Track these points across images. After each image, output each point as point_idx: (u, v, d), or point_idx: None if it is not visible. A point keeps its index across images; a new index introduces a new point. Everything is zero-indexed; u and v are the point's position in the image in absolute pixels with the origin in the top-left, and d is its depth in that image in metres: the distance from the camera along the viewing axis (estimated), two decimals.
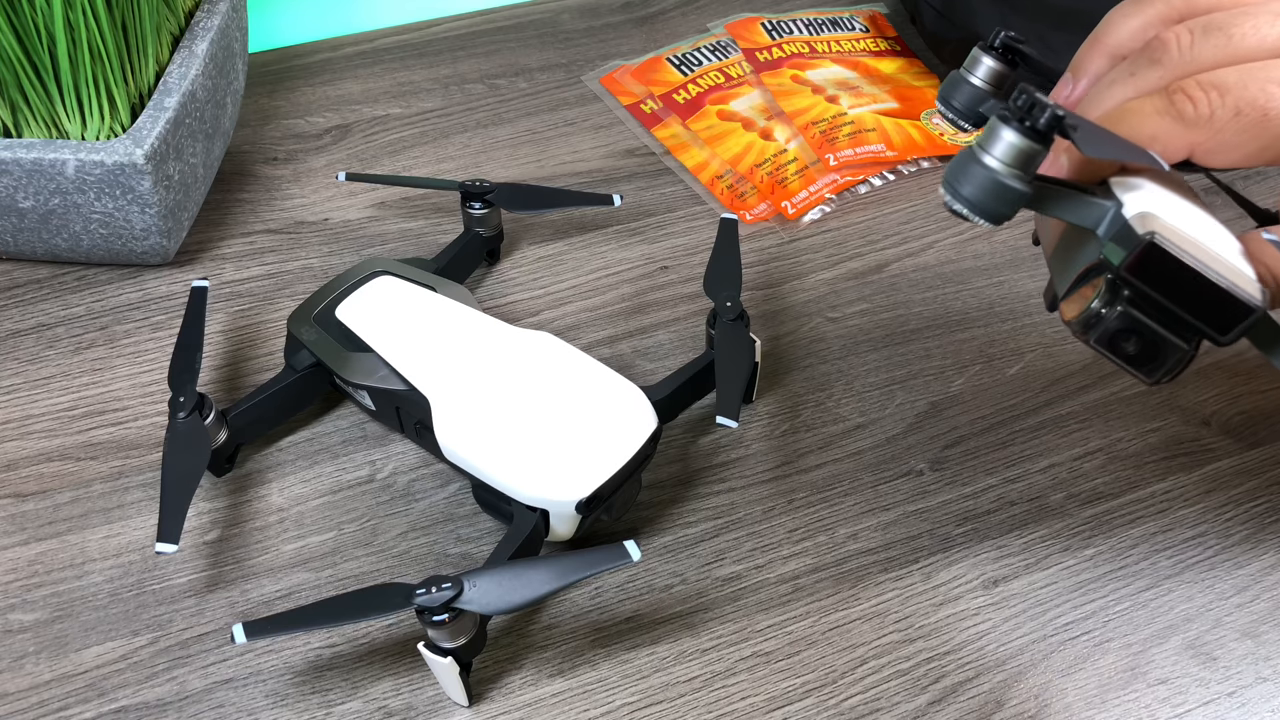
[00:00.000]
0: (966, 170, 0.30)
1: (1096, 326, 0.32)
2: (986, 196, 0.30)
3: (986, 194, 0.30)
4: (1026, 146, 0.29)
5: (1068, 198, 0.31)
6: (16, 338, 0.50)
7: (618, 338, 0.51)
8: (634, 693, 0.39)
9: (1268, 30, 0.32)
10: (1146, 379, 0.32)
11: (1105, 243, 0.31)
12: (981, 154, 0.30)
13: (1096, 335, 0.32)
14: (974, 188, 0.30)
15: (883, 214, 0.57)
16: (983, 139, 0.30)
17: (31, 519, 0.43)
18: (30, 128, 0.49)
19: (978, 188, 0.30)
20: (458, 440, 0.41)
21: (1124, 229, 0.30)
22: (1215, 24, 0.33)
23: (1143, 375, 0.32)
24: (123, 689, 0.38)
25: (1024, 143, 0.29)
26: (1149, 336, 0.31)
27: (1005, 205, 0.30)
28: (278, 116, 0.63)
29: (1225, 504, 0.45)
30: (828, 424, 0.47)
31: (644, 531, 0.43)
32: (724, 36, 0.68)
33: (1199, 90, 0.31)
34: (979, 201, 0.30)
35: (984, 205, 0.30)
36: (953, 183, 0.30)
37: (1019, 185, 0.30)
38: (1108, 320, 0.31)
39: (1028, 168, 0.30)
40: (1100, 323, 0.31)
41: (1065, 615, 0.41)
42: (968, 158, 0.30)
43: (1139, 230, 0.30)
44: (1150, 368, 0.32)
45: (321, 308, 0.46)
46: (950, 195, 0.30)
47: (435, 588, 0.35)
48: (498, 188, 0.52)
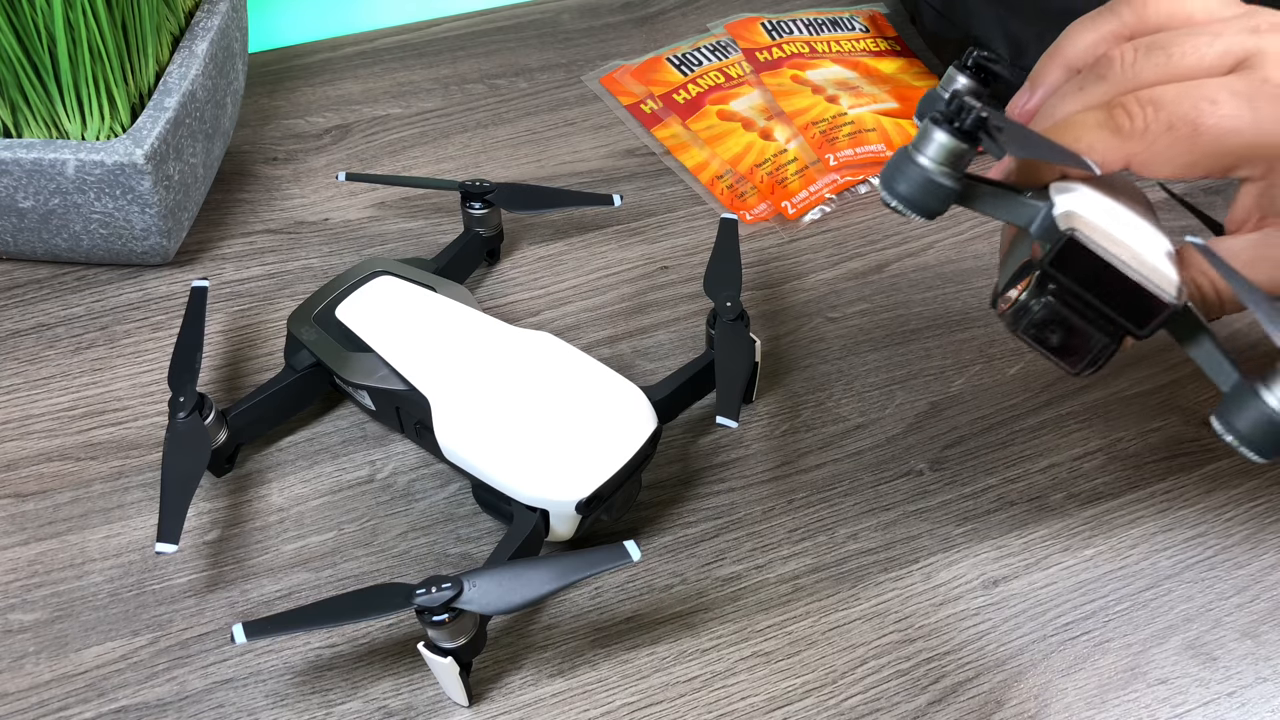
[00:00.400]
0: (901, 169, 0.32)
1: (1024, 318, 0.34)
2: (919, 193, 0.32)
3: (919, 190, 0.32)
4: (955, 146, 0.32)
5: (1001, 197, 0.34)
6: (16, 338, 0.50)
7: (618, 338, 0.51)
8: (634, 693, 0.39)
9: (1206, 50, 0.34)
10: (1070, 370, 0.34)
11: (1036, 239, 0.33)
12: (915, 154, 0.32)
13: (1023, 327, 0.34)
14: (908, 185, 0.32)
15: (883, 214, 0.57)
16: (916, 140, 0.32)
17: (31, 519, 0.43)
18: (30, 128, 0.49)
19: (911, 185, 0.32)
20: (458, 440, 0.41)
21: (1050, 226, 0.33)
22: (1158, 43, 0.35)
23: (1066, 366, 0.34)
24: (123, 689, 0.39)
25: (953, 143, 0.31)
26: (1072, 329, 0.33)
27: (936, 201, 0.32)
28: (278, 116, 0.63)
29: (1225, 504, 0.45)
30: (828, 424, 0.47)
31: (644, 531, 0.43)
32: (724, 36, 0.68)
33: (1136, 105, 0.34)
34: (912, 197, 0.32)
35: (916, 201, 0.32)
36: (889, 180, 0.33)
37: (948, 182, 0.32)
38: (1033, 312, 0.34)
39: (957, 166, 0.32)
40: (1027, 315, 0.34)
41: (1065, 615, 0.41)
42: (902, 157, 0.32)
43: (1061, 226, 0.32)
44: (1074, 359, 0.34)
45: (321, 308, 0.46)
46: (886, 193, 0.33)
47: (435, 588, 0.35)
48: (498, 188, 0.52)
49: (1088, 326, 0.33)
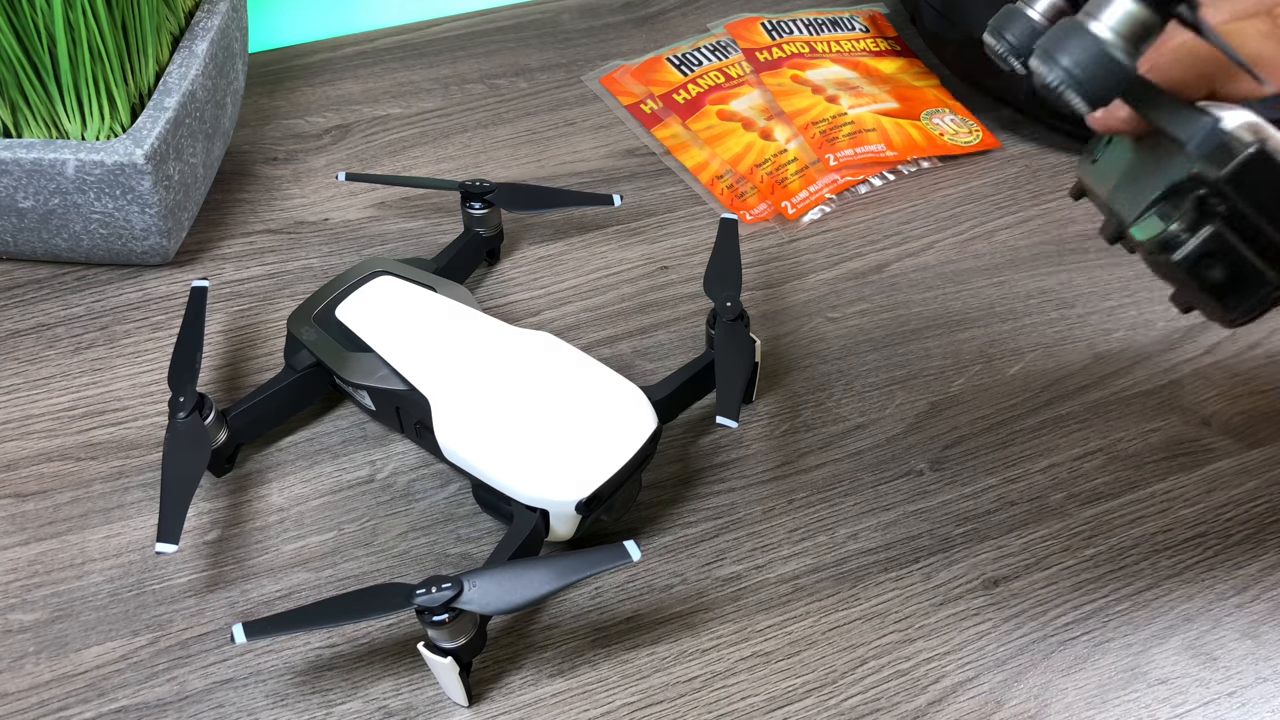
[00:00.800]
0: (1070, 38, 0.27)
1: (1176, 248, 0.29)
2: (1091, 69, 0.27)
3: (1092, 65, 0.27)
4: (1145, 15, 0.27)
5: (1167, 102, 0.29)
6: (16, 338, 0.50)
7: (618, 338, 0.51)
8: (634, 693, 0.39)
9: None
10: (1225, 313, 0.30)
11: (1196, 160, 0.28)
12: (1090, 21, 0.27)
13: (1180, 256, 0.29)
14: (1077, 58, 0.27)
15: (883, 214, 0.57)
16: (1093, 4, 0.27)
17: (31, 519, 0.43)
18: (30, 128, 0.49)
19: (1083, 57, 0.27)
20: (458, 440, 0.41)
21: (1224, 142, 0.28)
22: None
23: (1222, 309, 0.30)
24: (123, 689, 0.38)
25: (1143, 10, 0.27)
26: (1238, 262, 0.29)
27: (1109, 82, 0.27)
28: (278, 116, 0.63)
29: (1225, 504, 0.45)
30: (828, 424, 0.47)
31: (644, 531, 0.43)
32: (724, 36, 0.68)
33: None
34: (1081, 74, 0.27)
35: (1086, 79, 0.27)
36: (1050, 51, 0.27)
37: (1127, 60, 0.27)
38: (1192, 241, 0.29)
39: (1140, 43, 0.27)
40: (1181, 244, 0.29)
41: (1065, 615, 0.41)
42: (1072, 26, 0.27)
43: (1246, 137, 0.28)
44: (1233, 301, 0.29)
45: (321, 308, 0.46)
46: (1046, 66, 0.28)
47: (435, 588, 0.35)
48: (498, 188, 0.52)
49: (1259, 261, 0.29)
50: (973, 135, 0.62)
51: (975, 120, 0.63)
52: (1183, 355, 0.50)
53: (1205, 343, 0.51)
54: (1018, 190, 0.59)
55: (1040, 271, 0.54)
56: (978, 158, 0.61)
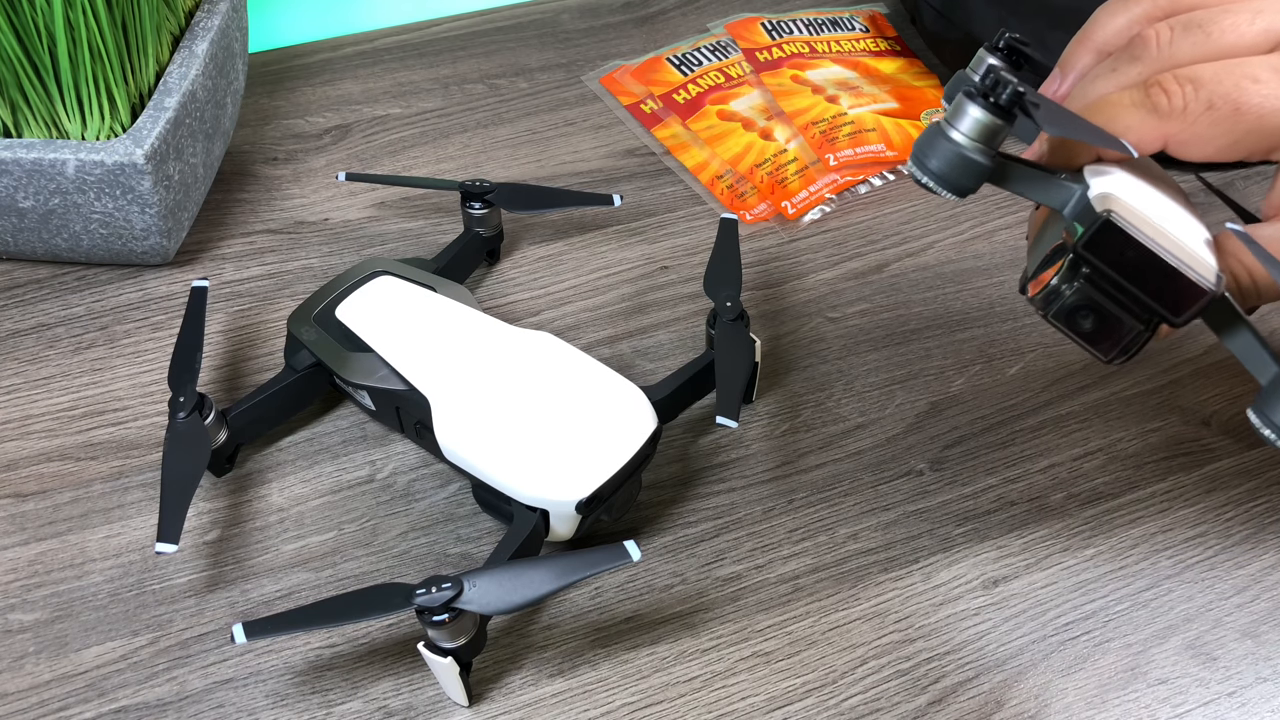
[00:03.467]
0: (933, 145, 0.31)
1: (1055, 302, 0.33)
2: (952, 169, 0.31)
3: (952, 167, 0.31)
4: (990, 122, 0.30)
5: (1035, 178, 0.33)
6: (16, 338, 0.50)
7: (618, 338, 0.51)
8: (634, 693, 0.39)
9: (1245, 28, 0.33)
10: (1102, 357, 0.33)
11: (1069, 223, 0.32)
12: (948, 129, 0.31)
13: (1054, 311, 0.33)
14: (940, 161, 0.31)
15: (883, 214, 0.57)
16: (950, 115, 0.31)
17: (31, 519, 0.43)
18: (30, 128, 0.49)
19: (944, 161, 0.31)
20: (458, 440, 0.41)
21: (1086, 208, 0.32)
22: (1195, 21, 0.34)
23: (1099, 353, 0.33)
24: (123, 689, 0.39)
25: (988, 118, 0.30)
26: (1105, 314, 0.33)
27: (969, 178, 0.31)
28: (278, 116, 0.63)
29: (1225, 504, 0.45)
30: (828, 424, 0.47)
31: (644, 531, 0.43)
32: (724, 36, 0.68)
33: (1174, 84, 0.32)
34: (944, 174, 0.31)
35: (949, 178, 0.31)
36: (920, 157, 0.32)
37: (982, 159, 0.31)
38: (1065, 297, 0.33)
39: (991, 142, 0.31)
40: (1059, 299, 0.33)
41: (1065, 615, 0.41)
42: (935, 133, 0.31)
43: (1097, 209, 0.31)
44: (1106, 345, 0.33)
45: (321, 308, 0.46)
46: (918, 169, 0.32)
47: (435, 588, 0.35)
48: (498, 188, 0.52)
49: (1121, 313, 0.32)
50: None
51: None
52: (1183, 355, 0.50)
53: (1205, 343, 0.51)
54: None
55: None
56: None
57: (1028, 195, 0.33)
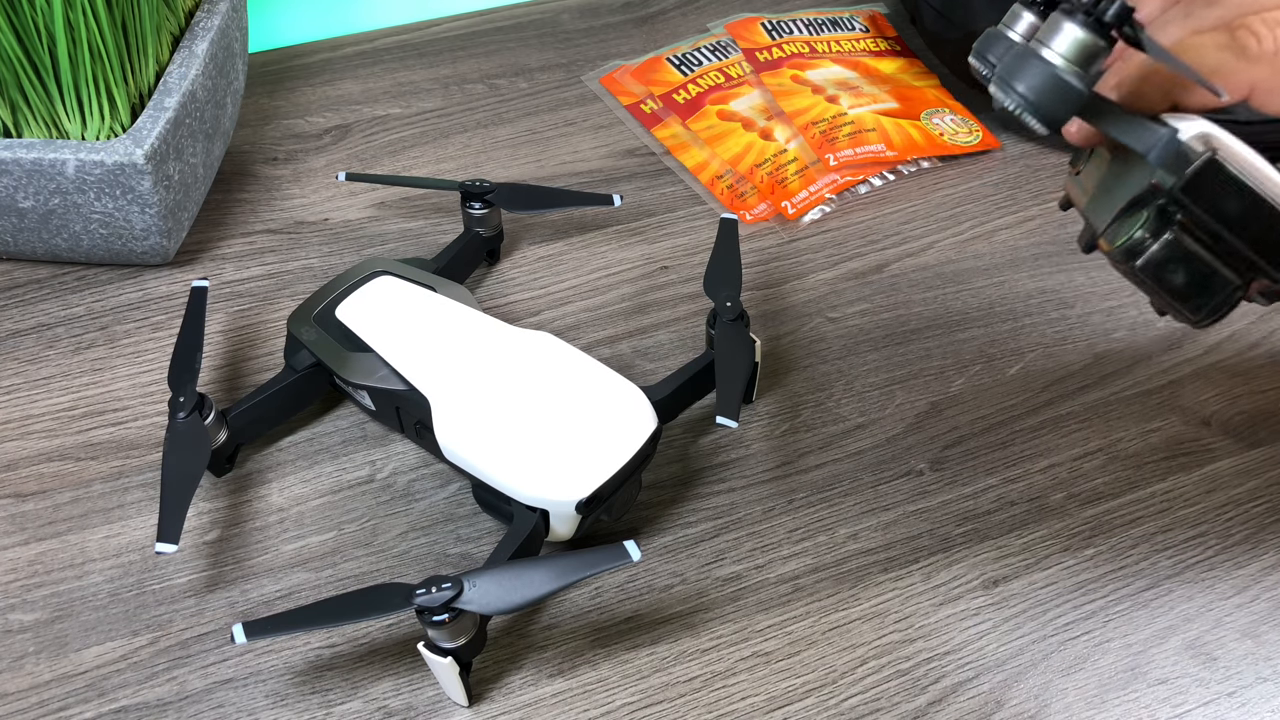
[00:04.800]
0: (1024, 65, 0.29)
1: (1140, 254, 0.30)
2: (1045, 93, 0.28)
3: (1045, 90, 0.28)
4: (1090, 41, 0.28)
5: (1124, 117, 0.30)
6: (16, 338, 0.50)
7: (618, 338, 0.51)
8: (634, 693, 0.39)
9: None
10: (1191, 315, 0.31)
11: (1157, 169, 0.30)
12: (1041, 48, 0.29)
13: (1141, 263, 0.30)
14: (1032, 83, 0.28)
15: (883, 214, 0.57)
16: (1043, 33, 0.29)
17: (31, 519, 0.43)
18: (30, 128, 0.49)
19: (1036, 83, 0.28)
20: (458, 440, 0.41)
21: (1180, 152, 0.29)
22: None
23: (1188, 311, 0.31)
24: (123, 689, 0.38)
25: (1088, 36, 0.28)
26: (1198, 267, 0.30)
27: (1063, 105, 0.29)
28: (278, 116, 0.63)
29: (1225, 504, 0.45)
30: (828, 424, 0.47)
31: (644, 531, 0.43)
32: (724, 36, 0.68)
33: (1263, 26, 0.31)
34: (1036, 99, 0.29)
35: (1041, 103, 0.29)
36: (1007, 78, 0.29)
37: (1078, 84, 0.28)
38: (1154, 248, 0.30)
39: (1089, 65, 0.29)
40: (1144, 251, 0.30)
41: (1065, 615, 0.41)
42: (1025, 53, 0.29)
43: (1198, 148, 0.29)
44: (1197, 303, 0.31)
45: (321, 308, 0.46)
46: (1004, 93, 0.29)
47: (435, 588, 0.35)
48: (498, 188, 0.52)
49: (1218, 264, 0.30)
50: (973, 135, 0.62)
51: (975, 120, 0.63)
52: (1183, 355, 0.50)
53: (1205, 343, 0.51)
54: (1018, 190, 0.59)
55: (1040, 271, 0.54)
56: (978, 158, 0.61)
57: (1113, 134, 0.30)
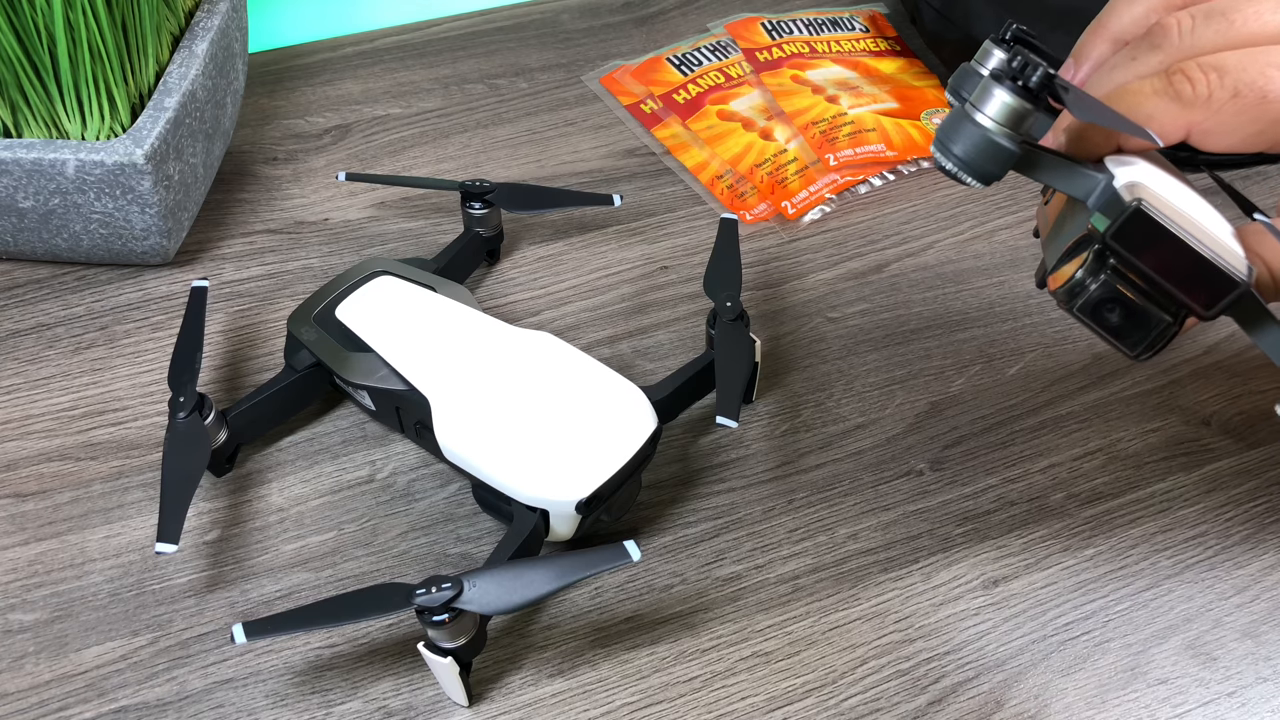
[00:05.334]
0: (959, 129, 0.30)
1: (1080, 295, 0.32)
2: (977, 155, 0.30)
3: (978, 152, 0.30)
4: (1018, 105, 0.30)
5: (1061, 166, 0.32)
6: (16, 338, 0.50)
7: (618, 338, 0.51)
8: (634, 693, 0.39)
9: (1269, 16, 0.32)
10: (1129, 352, 0.33)
11: (1094, 213, 0.31)
12: (974, 112, 0.30)
13: (1080, 304, 0.32)
14: (965, 146, 0.30)
15: (883, 214, 0.57)
16: (976, 98, 0.30)
17: (31, 519, 0.43)
18: (30, 128, 0.49)
19: (969, 146, 0.30)
20: (458, 440, 0.41)
21: (1113, 198, 0.31)
22: (1217, 9, 0.33)
23: (1125, 348, 0.33)
24: (123, 689, 0.38)
25: (1016, 101, 0.29)
26: (1132, 307, 0.32)
27: (995, 165, 0.30)
28: (278, 116, 0.63)
29: (1225, 504, 0.45)
30: (828, 424, 0.47)
31: (644, 531, 0.43)
32: (724, 36, 0.68)
33: (1198, 71, 0.32)
34: (970, 160, 0.30)
35: (975, 164, 0.30)
36: (945, 141, 0.31)
37: (1009, 145, 0.30)
38: (1091, 289, 0.32)
39: (1018, 127, 0.30)
40: (1084, 292, 0.32)
41: (1065, 615, 0.41)
42: (960, 116, 0.30)
43: (1126, 198, 0.30)
44: (1133, 340, 0.32)
45: (321, 308, 0.46)
46: (941, 154, 0.31)
47: (435, 588, 0.35)
48: (498, 188, 0.52)
49: (1149, 305, 0.31)
50: None
51: None
52: (1183, 355, 0.50)
53: (1205, 343, 0.51)
54: (1017, 190, 0.59)
55: None
56: None
57: (1052, 184, 0.32)
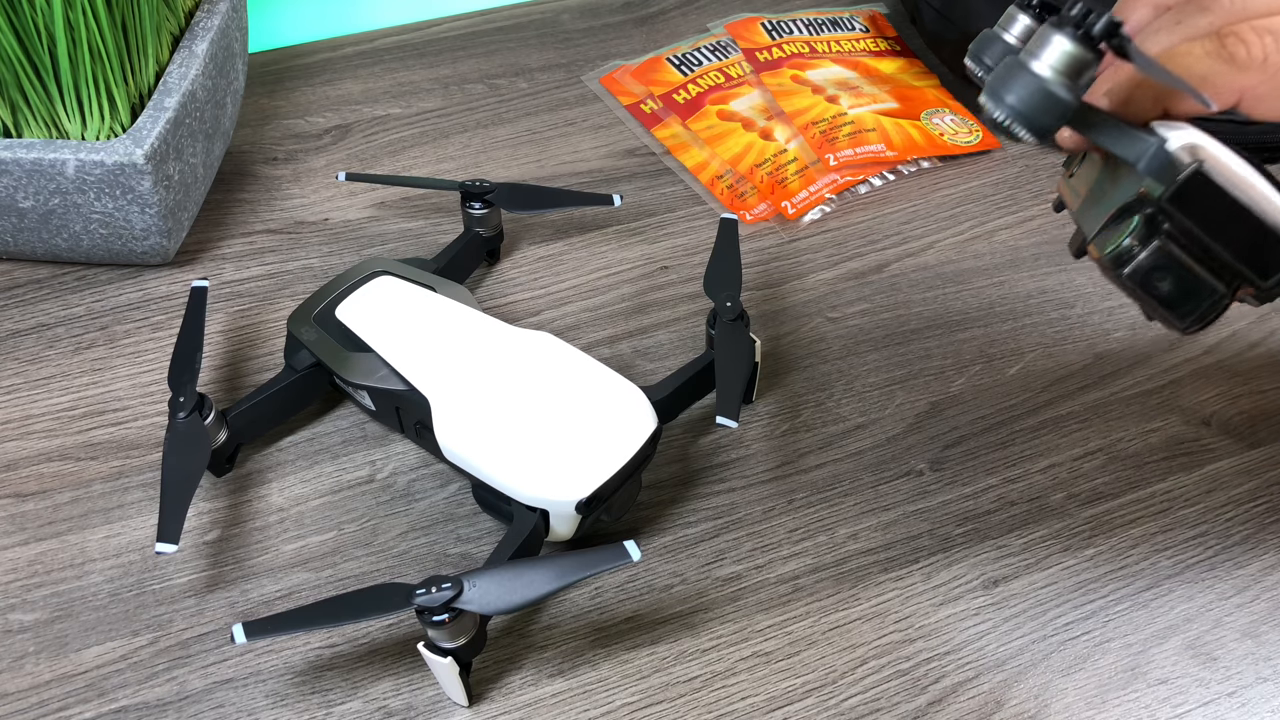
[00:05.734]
0: (1013, 77, 0.29)
1: (1128, 262, 0.31)
2: (1033, 104, 0.29)
3: (1033, 102, 0.29)
4: (1078, 53, 0.28)
5: (1113, 126, 0.31)
6: (16, 338, 0.50)
7: (618, 338, 0.51)
8: (634, 693, 0.39)
9: None
10: (1178, 322, 0.31)
11: (1145, 178, 0.30)
12: (1030, 60, 0.29)
13: (1129, 271, 0.31)
14: (1020, 95, 0.29)
15: (883, 214, 0.57)
16: (1033, 45, 0.29)
17: (31, 519, 0.43)
18: (30, 128, 0.49)
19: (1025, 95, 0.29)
20: (458, 440, 0.41)
21: (1168, 162, 0.30)
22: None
23: (1174, 318, 0.31)
24: (123, 689, 0.38)
25: (1076, 49, 0.28)
26: (1184, 275, 0.31)
27: (1050, 116, 0.29)
28: (278, 116, 0.63)
29: (1225, 504, 0.45)
30: (828, 424, 0.47)
31: (644, 531, 0.43)
32: (724, 36, 0.68)
33: (1253, 34, 0.31)
34: (1025, 110, 0.29)
35: (1029, 114, 0.29)
36: (998, 89, 0.29)
37: (1067, 95, 0.29)
38: (1141, 256, 0.31)
39: (1078, 77, 0.29)
40: (1133, 259, 0.31)
41: (1065, 615, 0.41)
42: (1015, 65, 0.29)
43: (1185, 159, 0.29)
44: (1183, 310, 0.31)
45: (321, 308, 0.46)
46: (993, 104, 0.29)
47: (435, 588, 0.35)
48: (498, 188, 0.52)
49: (1204, 273, 0.30)
50: (973, 135, 0.62)
51: (975, 120, 0.63)
52: (1183, 355, 0.50)
53: (1205, 343, 0.51)
54: (1018, 190, 0.59)
55: (1040, 271, 0.54)
56: (978, 158, 0.61)
57: (1103, 143, 0.31)
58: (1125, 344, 0.51)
